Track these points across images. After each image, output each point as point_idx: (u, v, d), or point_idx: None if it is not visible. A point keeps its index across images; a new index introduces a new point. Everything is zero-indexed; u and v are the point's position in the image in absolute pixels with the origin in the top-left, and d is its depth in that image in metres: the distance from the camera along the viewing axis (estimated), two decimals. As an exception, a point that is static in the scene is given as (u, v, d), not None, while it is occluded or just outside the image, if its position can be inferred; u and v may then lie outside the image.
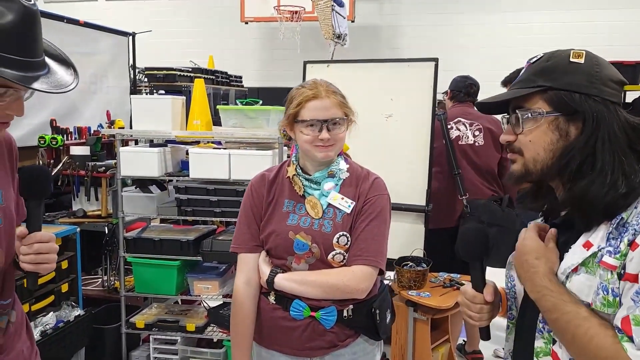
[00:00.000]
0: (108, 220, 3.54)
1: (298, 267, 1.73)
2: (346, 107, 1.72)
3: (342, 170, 1.77)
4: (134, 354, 3.36)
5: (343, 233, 1.71)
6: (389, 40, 8.69)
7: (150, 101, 3.41)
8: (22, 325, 1.48)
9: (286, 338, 1.73)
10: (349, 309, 1.73)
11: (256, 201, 1.79)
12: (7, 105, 1.19)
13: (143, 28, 5.35)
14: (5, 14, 1.12)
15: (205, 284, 3.22)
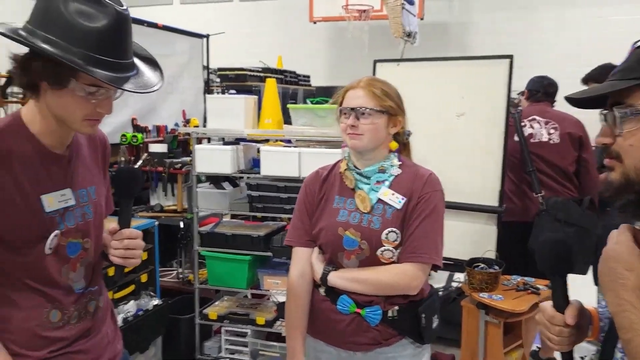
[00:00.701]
0: (183, 215, 3.70)
1: (349, 262, 1.75)
2: (386, 101, 1.73)
3: (393, 166, 1.78)
4: (206, 344, 3.49)
5: (392, 229, 1.71)
6: (459, 37, 8.51)
7: (224, 100, 3.53)
8: (107, 311, 1.57)
9: (331, 330, 1.77)
10: (394, 310, 1.74)
11: (309, 197, 1.84)
12: (98, 103, 1.27)
13: (215, 30, 5.52)
14: (100, 18, 1.20)
15: (274, 279, 3.29)
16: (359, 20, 7.26)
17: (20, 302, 1.33)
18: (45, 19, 1.20)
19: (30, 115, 1.32)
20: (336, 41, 9.02)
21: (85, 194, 1.42)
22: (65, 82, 1.22)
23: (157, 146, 3.77)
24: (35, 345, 1.35)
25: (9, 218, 1.27)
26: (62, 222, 1.35)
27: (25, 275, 1.32)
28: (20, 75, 1.25)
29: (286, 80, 5.95)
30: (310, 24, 8.28)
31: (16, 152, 1.28)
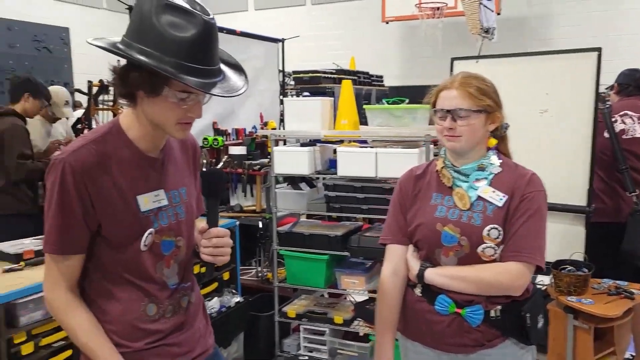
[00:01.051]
0: (262, 215, 3.79)
1: (447, 260, 1.72)
2: (482, 100, 1.68)
3: (493, 164, 1.74)
4: (285, 342, 3.56)
5: (494, 226, 1.67)
6: (538, 31, 8.19)
7: (301, 103, 3.59)
8: (199, 306, 1.64)
9: (430, 332, 1.74)
10: (497, 310, 1.69)
11: (403, 195, 1.84)
12: (189, 108, 1.34)
13: (288, 34, 5.62)
14: (189, 28, 1.26)
15: (352, 279, 3.31)
16: (433, 18, 7.16)
17: (120, 295, 1.43)
18: (140, 32, 1.28)
19: (127, 122, 1.41)
20: (409, 40, 8.94)
21: (177, 194, 1.50)
22: (159, 90, 1.29)
23: (236, 149, 3.89)
24: (133, 336, 1.43)
25: (109, 217, 1.36)
26: (156, 221, 1.43)
27: (123, 270, 1.41)
28: (119, 85, 1.34)
29: (359, 81, 5.97)
30: (382, 24, 8.26)
31: (115, 155, 1.37)
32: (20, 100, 3.82)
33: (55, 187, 1.33)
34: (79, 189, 1.32)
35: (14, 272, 2.47)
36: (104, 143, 1.37)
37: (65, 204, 1.33)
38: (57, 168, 1.33)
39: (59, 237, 1.35)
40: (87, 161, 1.33)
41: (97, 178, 1.34)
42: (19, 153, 3.65)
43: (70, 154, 1.34)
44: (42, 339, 2.30)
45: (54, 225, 1.34)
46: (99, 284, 1.42)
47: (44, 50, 9.92)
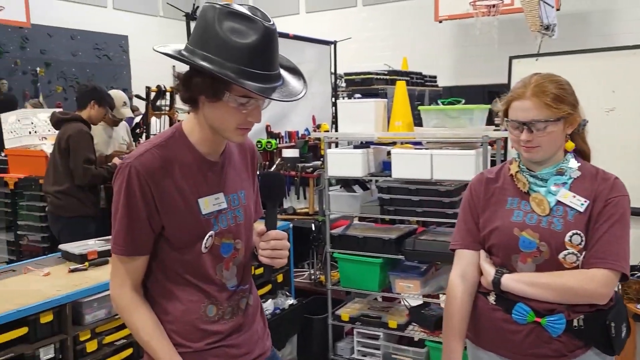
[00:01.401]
0: (314, 217, 3.80)
1: (524, 266, 1.66)
2: (560, 108, 1.59)
3: (572, 168, 1.67)
4: (339, 345, 3.55)
5: (577, 232, 1.60)
6: (600, 27, 7.88)
7: (355, 105, 3.57)
8: (257, 309, 1.65)
9: (506, 341, 1.68)
10: (580, 319, 1.61)
11: (474, 200, 1.78)
12: (248, 113, 1.36)
13: (339, 36, 5.62)
14: (250, 35, 1.28)
15: (407, 283, 3.27)
16: (488, 15, 7.01)
17: (181, 296, 1.46)
18: (203, 38, 1.31)
19: (189, 127, 1.44)
20: (463, 39, 8.78)
21: (236, 198, 1.52)
22: (221, 95, 1.32)
23: (289, 151, 3.92)
24: (194, 337, 1.46)
25: (172, 219, 1.40)
26: (217, 224, 1.45)
27: (185, 272, 1.44)
28: (183, 90, 1.38)
29: (412, 82, 5.90)
30: (434, 24, 8.15)
31: (178, 159, 1.41)
32: (86, 108, 3.99)
33: (122, 191, 1.37)
34: (144, 192, 1.36)
35: (79, 272, 2.57)
36: (167, 147, 1.41)
37: (132, 206, 1.37)
38: (123, 172, 1.38)
39: (126, 239, 1.39)
40: (152, 165, 1.37)
41: (160, 181, 1.38)
42: (85, 158, 3.80)
43: (136, 158, 1.38)
44: (105, 337, 2.38)
45: (122, 228, 1.39)
46: (162, 285, 1.46)
47: (104, 57, 10.32)
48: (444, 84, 7.96)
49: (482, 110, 3.27)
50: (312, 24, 9.65)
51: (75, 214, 3.89)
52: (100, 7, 10.06)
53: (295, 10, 10.39)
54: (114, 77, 10.27)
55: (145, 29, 10.46)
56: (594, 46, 4.54)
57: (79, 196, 3.89)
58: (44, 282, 2.43)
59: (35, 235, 4.42)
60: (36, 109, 6.57)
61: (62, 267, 2.65)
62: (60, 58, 9.68)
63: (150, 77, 6.14)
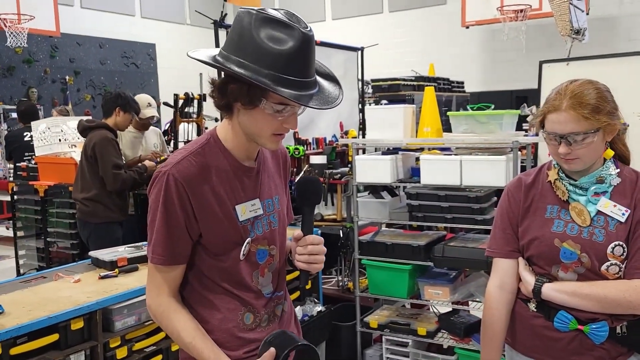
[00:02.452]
0: (342, 224, 3.78)
1: (565, 276, 1.63)
2: (599, 119, 1.54)
3: (612, 175, 1.63)
4: (367, 352, 3.52)
5: (619, 243, 1.57)
6: (629, 31, 7.73)
7: (383, 111, 3.56)
8: (291, 315, 1.64)
9: (548, 348, 1.66)
10: (623, 326, 1.59)
11: (512, 206, 1.75)
12: (284, 119, 1.34)
13: (365, 42, 5.61)
14: (288, 42, 1.26)
15: (435, 290, 3.23)
16: (516, 20, 6.93)
17: (219, 304, 1.44)
18: (239, 44, 1.29)
19: (224, 133, 1.43)
20: (490, 44, 8.69)
21: (270, 203, 1.50)
22: (257, 102, 1.30)
23: (317, 158, 3.91)
24: (232, 345, 1.44)
25: (210, 226, 1.38)
26: (253, 230, 1.44)
27: (222, 279, 1.42)
28: (218, 97, 1.36)
29: (439, 88, 5.87)
30: (462, 29, 8.09)
31: (214, 166, 1.40)
32: (112, 115, 4.05)
33: (160, 199, 1.36)
34: (182, 200, 1.35)
35: (109, 278, 2.60)
36: (203, 154, 1.40)
37: (170, 215, 1.35)
38: (161, 180, 1.36)
39: (165, 249, 1.38)
40: (189, 172, 1.36)
41: (198, 188, 1.37)
42: (113, 164, 3.85)
43: (173, 166, 1.37)
44: (135, 344, 2.39)
45: (160, 237, 1.37)
46: (199, 293, 1.45)
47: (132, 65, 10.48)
48: (472, 90, 7.89)
49: (511, 115, 3.22)
50: (338, 31, 9.67)
51: (103, 220, 3.94)
52: (129, 15, 10.23)
53: (321, 17, 10.42)
54: (141, 85, 10.42)
55: (172, 36, 10.60)
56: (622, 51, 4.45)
57: (105, 202, 3.94)
58: (75, 288, 2.46)
59: (65, 242, 4.48)
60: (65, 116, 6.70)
61: (92, 273, 2.68)
62: (89, 66, 9.85)
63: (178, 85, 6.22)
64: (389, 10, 9.77)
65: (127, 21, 10.19)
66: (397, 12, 9.66)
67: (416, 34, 9.39)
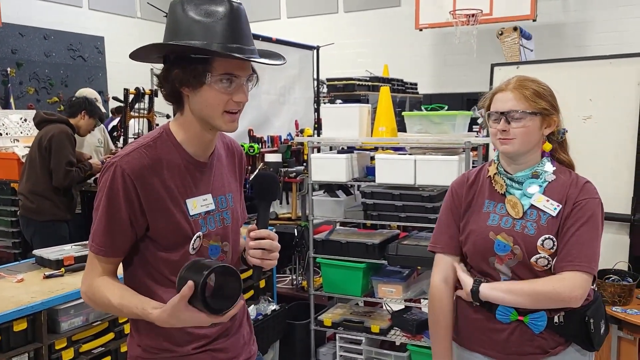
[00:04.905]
0: (297, 222, 3.77)
1: (500, 268, 1.70)
2: (538, 103, 1.65)
3: (547, 172, 1.70)
4: (321, 351, 3.53)
5: (549, 236, 1.64)
6: (575, 37, 8.05)
7: (339, 110, 3.56)
8: (244, 313, 1.63)
9: (491, 341, 1.72)
10: (561, 315, 1.66)
11: (455, 202, 1.81)
12: (233, 92, 1.35)
13: (321, 42, 5.61)
14: (217, 12, 1.32)
15: (389, 287, 3.27)
16: (467, 25, 7.10)
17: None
18: (175, 29, 1.34)
19: (177, 127, 1.43)
20: (443, 47, 8.88)
21: (223, 200, 1.50)
22: (202, 78, 1.32)
23: (272, 156, 3.88)
24: (180, 340, 1.43)
25: (159, 219, 1.37)
26: (205, 225, 1.43)
27: (171, 273, 1.40)
28: (164, 85, 1.38)
29: (393, 89, 5.93)
30: (415, 32, 8.22)
31: (166, 159, 1.39)
32: (76, 116, 4.04)
33: (105, 190, 1.35)
34: (128, 192, 1.34)
35: (54, 278, 2.50)
36: (155, 147, 1.39)
37: (113, 207, 1.35)
38: (108, 171, 1.36)
39: (103, 239, 1.37)
40: (139, 164, 1.35)
41: (148, 181, 1.36)
42: (67, 160, 3.73)
43: (122, 157, 1.36)
44: (82, 345, 2.32)
45: (100, 227, 1.37)
46: (147, 287, 1.43)
47: (79, 58, 10.12)
48: (424, 92, 8.03)
49: (464, 116, 3.29)
50: (293, 30, 9.65)
51: (48, 217, 3.80)
52: (75, 6, 9.88)
53: (276, 15, 10.37)
54: (89, 79, 10.08)
55: (122, 30, 10.30)
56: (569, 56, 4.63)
57: (53, 199, 3.81)
58: (17, 288, 2.36)
59: (6, 240, 4.29)
60: (6, 110, 6.43)
61: (37, 273, 2.58)
62: (33, 58, 9.46)
63: (128, 80, 6.04)
64: (344, 11, 9.83)
65: (74, 12, 9.83)
66: (352, 13, 9.72)
67: (370, 35, 9.47)
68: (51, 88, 9.53)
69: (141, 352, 1.46)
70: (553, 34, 8.02)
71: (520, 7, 7.22)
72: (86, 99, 4.16)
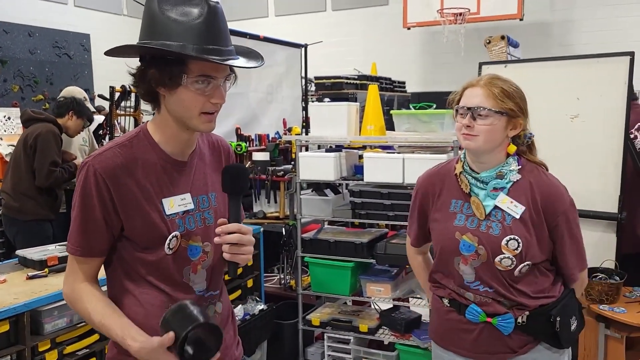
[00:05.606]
0: (285, 221, 3.75)
1: (465, 268, 1.72)
2: (505, 103, 1.64)
3: (512, 171, 1.70)
4: (309, 350, 3.51)
5: (513, 237, 1.66)
6: (561, 36, 8.10)
7: (327, 108, 3.54)
8: (228, 317, 1.59)
9: (462, 341, 1.76)
10: (524, 316, 1.69)
11: (423, 198, 1.86)
12: (210, 93, 1.33)
13: (308, 40, 5.59)
14: (194, 13, 1.29)
15: (377, 286, 3.26)
16: (455, 23, 7.12)
17: (143, 299, 1.40)
18: (150, 29, 1.32)
19: (154, 127, 1.42)
20: (431, 46, 8.88)
21: (205, 199, 1.47)
22: (178, 79, 1.30)
23: (260, 154, 3.86)
24: None
25: (134, 219, 1.36)
26: (183, 225, 1.41)
27: (148, 273, 1.40)
28: (140, 85, 1.36)
29: (382, 87, 5.92)
30: (403, 30, 8.21)
31: (142, 159, 1.38)
32: (64, 117, 3.98)
33: (79, 190, 1.35)
34: (100, 192, 1.33)
35: (38, 278, 2.46)
36: (130, 147, 1.38)
37: (87, 207, 1.34)
38: (82, 170, 1.36)
39: (80, 240, 1.37)
40: (112, 164, 1.34)
41: (121, 180, 1.35)
42: (52, 160, 3.68)
43: (95, 157, 1.36)
44: (66, 347, 2.29)
45: (76, 228, 1.37)
46: (124, 287, 1.42)
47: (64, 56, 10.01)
48: (412, 90, 8.03)
49: (452, 115, 3.28)
50: (281, 28, 9.60)
51: (32, 217, 3.75)
52: (61, 3, 9.77)
53: (264, 13, 10.32)
54: (74, 77, 9.97)
55: (108, 27, 10.20)
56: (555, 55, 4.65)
57: (36, 198, 3.75)
58: (0, 289, 2.32)
59: (-12, 240, 4.23)
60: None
61: (20, 273, 2.54)
62: (17, 55, 9.33)
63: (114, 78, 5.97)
64: (332, 9, 9.80)
65: (59, 9, 9.71)
66: (340, 11, 9.70)
67: (359, 34, 9.46)
68: (36, 86, 9.41)
69: (116, 354, 1.43)
70: (539, 32, 8.06)
71: (508, 6, 7.25)
72: (74, 99, 4.11)
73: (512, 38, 4.35)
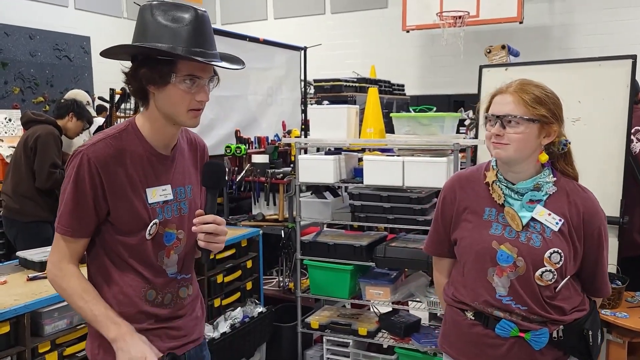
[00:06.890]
0: (284, 224, 3.75)
1: (499, 280, 1.64)
2: (538, 109, 1.57)
3: (548, 183, 1.64)
4: (308, 353, 3.50)
5: (557, 250, 1.60)
6: (561, 40, 8.12)
7: (326, 111, 3.54)
8: (197, 298, 1.73)
9: (486, 356, 1.68)
10: (560, 330, 1.63)
11: (448, 205, 1.78)
12: (196, 92, 1.46)
13: (307, 43, 5.60)
14: (183, 18, 1.43)
15: (377, 290, 3.25)
16: (454, 26, 7.13)
17: (122, 281, 1.52)
18: (142, 32, 1.45)
19: (142, 121, 1.53)
20: (430, 49, 8.90)
21: (182, 191, 1.61)
22: (168, 78, 1.42)
23: (259, 157, 3.86)
24: (135, 319, 1.52)
25: (120, 205, 1.48)
26: (162, 213, 1.55)
27: (129, 255, 1.52)
28: (132, 83, 1.48)
29: (381, 90, 5.93)
30: (402, 33, 8.23)
31: (130, 150, 1.50)
32: (64, 118, 4.00)
33: (72, 175, 1.45)
34: (93, 179, 1.44)
35: (38, 280, 2.46)
36: (120, 139, 1.50)
37: (79, 192, 1.45)
38: (76, 159, 1.46)
39: (70, 220, 1.47)
40: (104, 153, 1.46)
41: (112, 169, 1.46)
42: (52, 162, 3.69)
43: (90, 146, 1.47)
44: (66, 349, 2.28)
45: (67, 210, 1.47)
46: (105, 269, 1.53)
47: (64, 58, 10.01)
48: (411, 93, 8.05)
49: (452, 118, 3.29)
50: (280, 30, 9.62)
51: (32, 218, 3.75)
52: (61, 6, 9.78)
53: (263, 16, 10.34)
54: (75, 79, 9.98)
55: (108, 30, 10.21)
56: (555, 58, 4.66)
57: (36, 200, 3.75)
58: (0, 291, 2.32)
59: (-12, 242, 4.22)
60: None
61: (20, 275, 2.54)
62: (18, 58, 9.34)
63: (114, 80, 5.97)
64: (332, 12, 9.82)
65: (59, 12, 9.73)
66: (339, 14, 9.72)
67: (358, 36, 9.48)
68: (36, 88, 9.41)
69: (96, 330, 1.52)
70: (539, 36, 8.08)
71: (507, 10, 7.26)
72: (74, 101, 4.12)
73: (513, 47, 4.35)
